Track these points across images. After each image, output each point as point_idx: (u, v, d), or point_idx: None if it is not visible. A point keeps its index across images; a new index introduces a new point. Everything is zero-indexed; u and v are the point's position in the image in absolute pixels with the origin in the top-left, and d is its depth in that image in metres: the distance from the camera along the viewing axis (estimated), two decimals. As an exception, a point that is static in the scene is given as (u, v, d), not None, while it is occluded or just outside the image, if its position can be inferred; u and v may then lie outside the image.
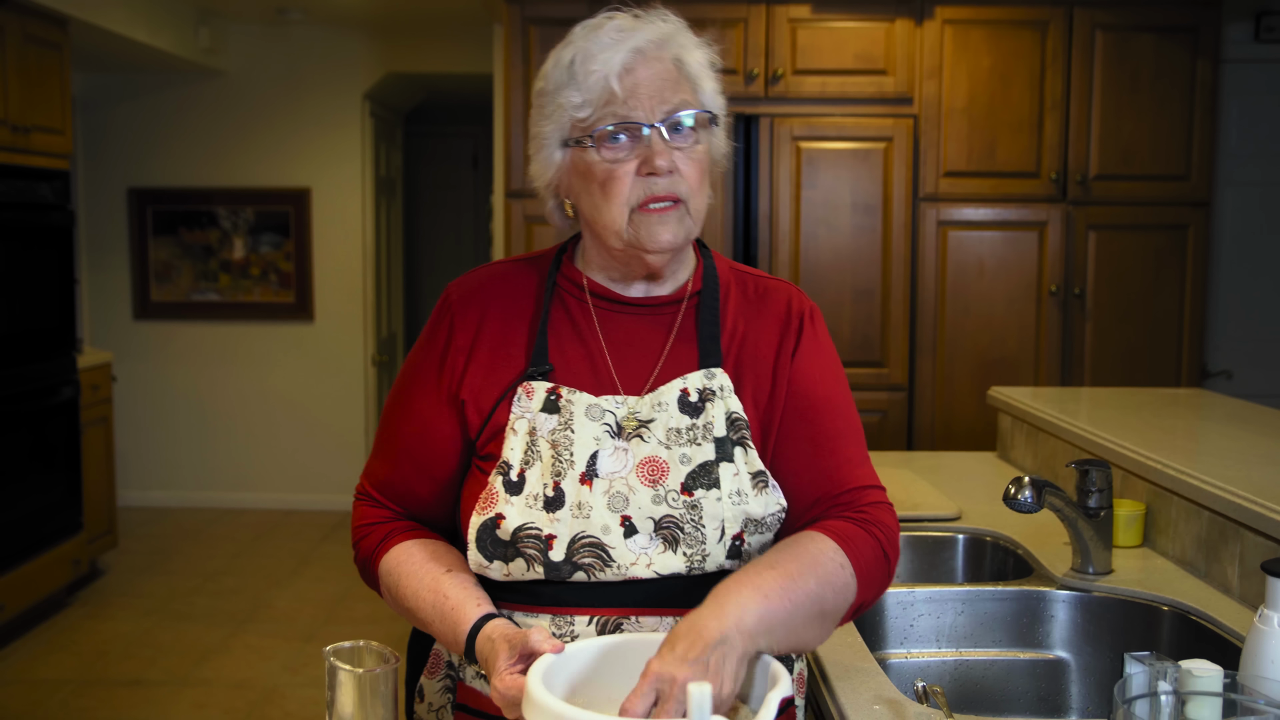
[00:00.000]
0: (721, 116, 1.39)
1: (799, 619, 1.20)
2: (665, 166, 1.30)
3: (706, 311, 1.38)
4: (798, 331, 1.39)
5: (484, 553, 1.29)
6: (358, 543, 1.43)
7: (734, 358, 1.37)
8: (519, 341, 1.38)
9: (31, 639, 4.57)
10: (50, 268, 4.84)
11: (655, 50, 1.32)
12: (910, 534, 2.28)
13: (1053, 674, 1.90)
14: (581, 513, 1.28)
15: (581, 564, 1.27)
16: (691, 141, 1.33)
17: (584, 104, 1.30)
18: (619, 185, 1.30)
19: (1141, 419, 2.57)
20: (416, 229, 8.25)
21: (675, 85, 1.32)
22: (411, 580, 1.34)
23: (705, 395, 1.33)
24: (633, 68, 1.30)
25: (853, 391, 1.44)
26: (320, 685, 4.05)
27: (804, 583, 1.20)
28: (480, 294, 1.41)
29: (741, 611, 1.15)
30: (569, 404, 1.32)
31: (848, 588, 1.25)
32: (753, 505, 1.29)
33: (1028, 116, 4.09)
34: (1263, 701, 1.17)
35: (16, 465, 4.54)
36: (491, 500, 1.30)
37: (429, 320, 1.44)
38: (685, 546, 1.27)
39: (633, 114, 1.29)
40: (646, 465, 1.30)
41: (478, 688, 1.35)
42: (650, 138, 1.29)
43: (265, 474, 6.72)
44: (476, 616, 1.27)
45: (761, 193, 4.07)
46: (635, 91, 1.29)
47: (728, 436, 1.31)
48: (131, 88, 6.52)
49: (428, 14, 6.02)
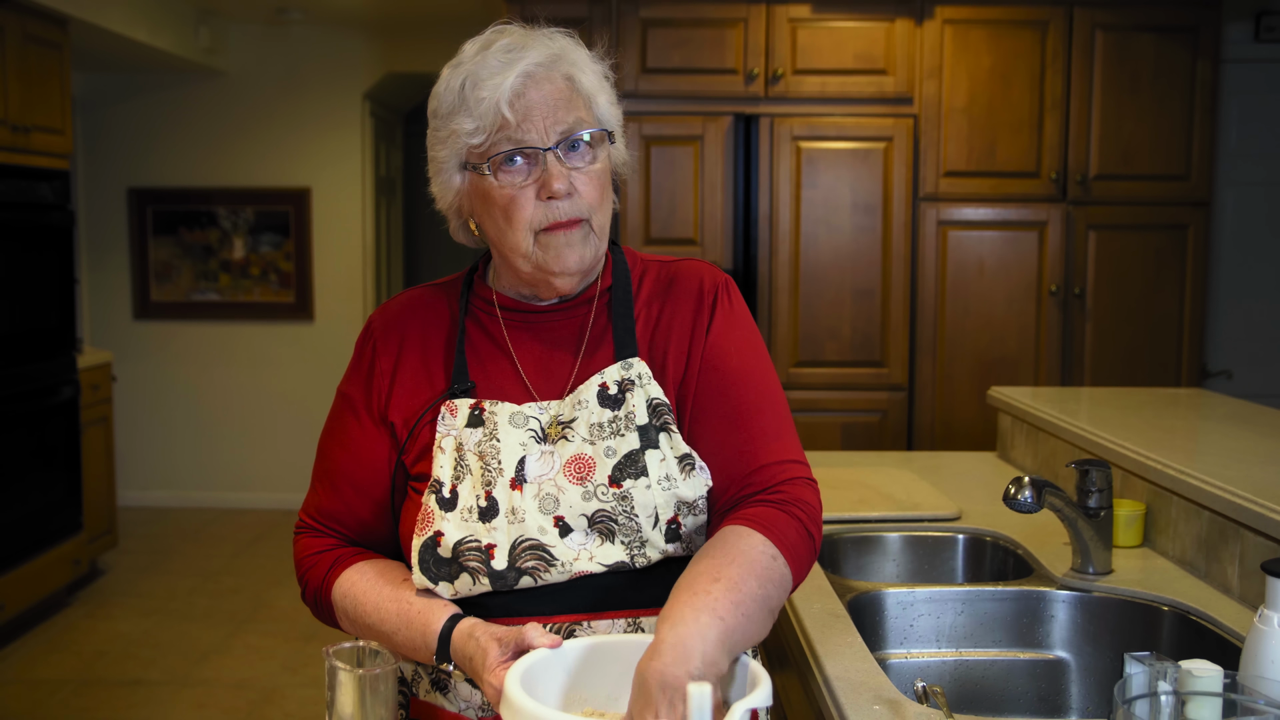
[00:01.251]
0: (618, 129, 1.38)
1: (753, 625, 1.19)
2: (563, 189, 1.29)
3: (619, 305, 1.39)
4: (711, 307, 1.39)
5: (428, 574, 1.29)
6: (304, 575, 1.42)
7: (651, 344, 1.38)
8: (438, 362, 1.39)
9: (31, 639, 4.57)
10: (50, 268, 4.84)
11: (545, 71, 1.30)
12: (910, 534, 2.28)
13: (1053, 674, 1.90)
14: (516, 517, 1.28)
15: (525, 568, 1.27)
16: (589, 160, 1.32)
17: (476, 130, 1.30)
18: (520, 211, 1.31)
19: (1141, 419, 2.57)
20: (416, 229, 8.25)
21: (568, 104, 1.30)
22: (371, 595, 1.34)
23: (625, 386, 1.33)
24: (523, 91, 1.28)
25: (853, 391, 1.44)
26: (320, 685, 4.05)
27: (748, 588, 1.19)
28: (399, 320, 1.43)
29: (704, 646, 1.12)
30: (492, 415, 1.33)
31: (785, 579, 1.25)
32: (683, 489, 1.29)
33: (1028, 116, 4.09)
34: (1263, 701, 1.17)
35: (16, 465, 4.54)
36: (428, 520, 1.30)
37: (354, 351, 1.46)
38: (622, 536, 1.28)
39: (526, 137, 1.29)
40: (573, 464, 1.30)
41: (433, 701, 1.36)
42: (546, 160, 1.29)
43: (265, 474, 6.72)
44: (446, 616, 1.28)
45: (761, 193, 4.07)
46: (528, 114, 1.28)
47: (650, 423, 1.31)
48: (131, 87, 6.52)
49: (428, 14, 6.02)
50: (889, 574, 2.27)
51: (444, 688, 1.34)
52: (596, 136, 1.33)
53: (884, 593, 1.92)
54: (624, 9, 4.02)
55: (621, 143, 1.40)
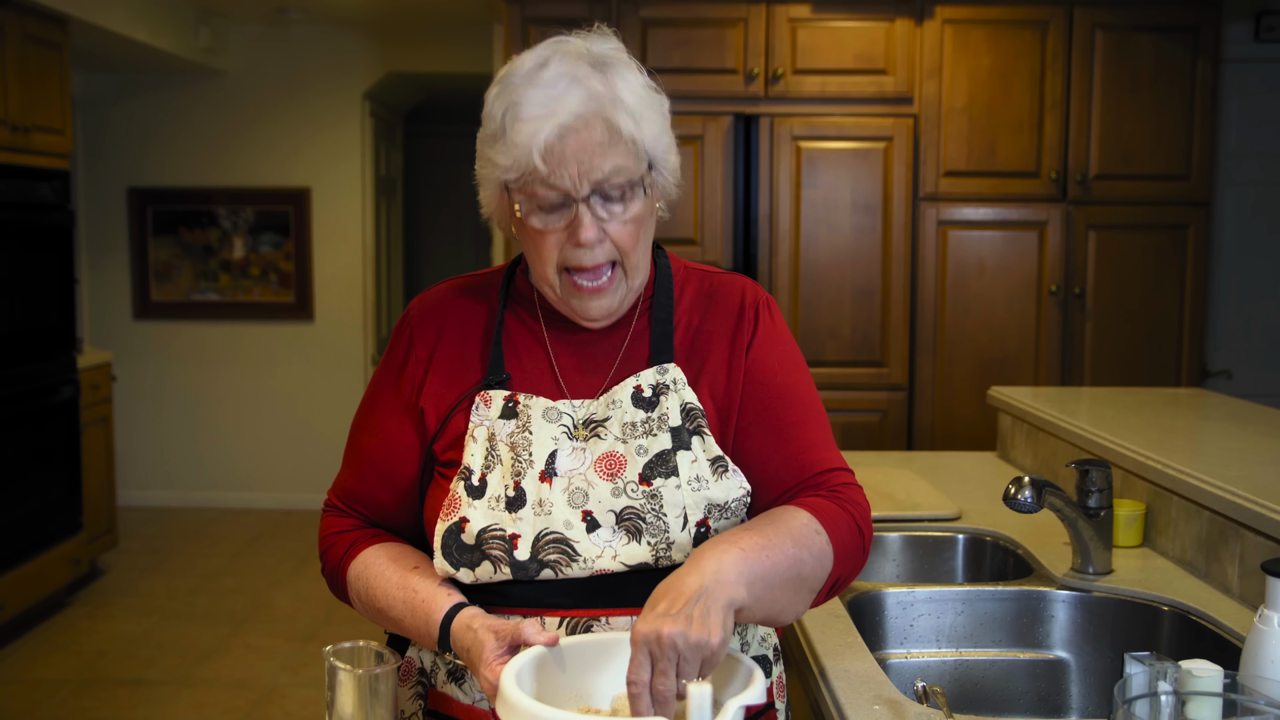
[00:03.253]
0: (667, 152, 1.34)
1: (777, 579, 1.19)
2: (593, 239, 1.28)
3: (660, 310, 1.39)
4: (753, 322, 1.39)
5: (449, 559, 1.30)
6: (325, 553, 1.45)
7: (688, 352, 1.38)
8: (475, 353, 1.40)
9: (31, 639, 4.57)
10: (50, 268, 4.84)
11: (584, 121, 1.25)
12: (910, 534, 2.28)
13: (1053, 674, 1.90)
14: (543, 509, 1.28)
15: (548, 561, 1.27)
16: (623, 208, 1.30)
17: (510, 168, 1.28)
18: (548, 250, 1.30)
19: (1141, 419, 2.57)
20: (416, 229, 8.25)
21: (605, 152, 1.26)
22: (380, 580, 1.36)
23: (659, 390, 1.33)
24: (557, 144, 1.25)
25: (852, 391, 1.44)
26: (320, 685, 4.05)
27: (781, 543, 1.21)
28: (438, 309, 1.44)
29: (719, 564, 1.14)
30: (526, 408, 1.34)
31: (825, 554, 1.25)
32: (714, 490, 1.29)
33: (1028, 116, 4.09)
34: (1263, 701, 1.17)
35: (16, 465, 4.54)
36: (455, 505, 1.31)
37: (391, 336, 1.47)
38: (649, 536, 1.28)
39: (560, 184, 1.27)
40: (604, 460, 1.30)
41: (449, 693, 1.36)
42: (578, 209, 1.27)
43: (265, 474, 6.72)
44: (448, 605, 1.29)
45: (761, 193, 4.07)
46: (563, 162, 1.25)
47: (683, 426, 1.32)
48: (131, 87, 6.52)
49: (428, 14, 6.02)
50: (889, 574, 2.28)
51: (460, 679, 1.35)
52: (634, 182, 1.30)
53: (884, 593, 1.92)
54: (624, 9, 4.02)
55: (670, 166, 1.35)
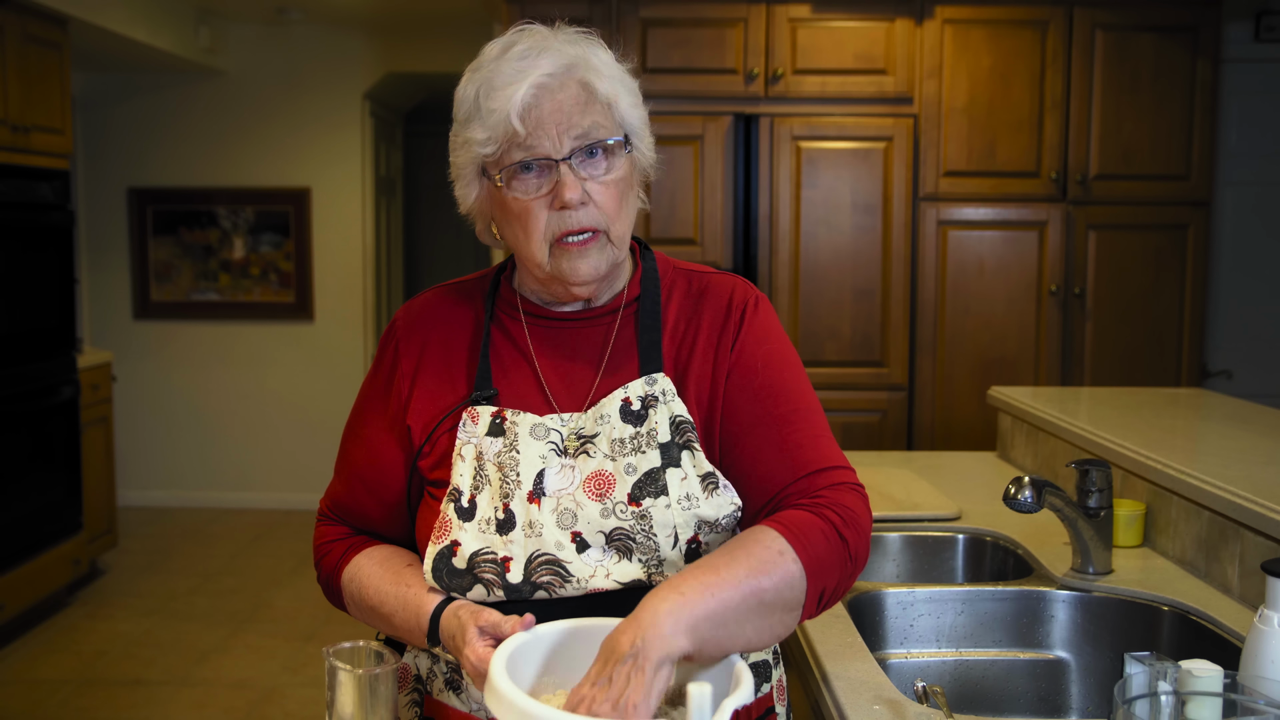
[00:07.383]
0: (642, 130, 1.35)
1: (730, 615, 1.14)
2: (577, 199, 1.28)
3: (646, 316, 1.36)
4: (739, 322, 1.36)
5: (441, 584, 1.29)
6: (319, 561, 1.45)
7: (676, 359, 1.35)
8: (461, 367, 1.38)
9: (31, 639, 4.57)
10: (50, 268, 4.84)
11: (559, 79, 1.27)
12: (910, 534, 2.28)
13: (1053, 674, 1.90)
14: (533, 531, 1.27)
15: (541, 583, 1.26)
16: (605, 168, 1.30)
17: (488, 140, 1.28)
18: (534, 221, 1.29)
19: (1141, 419, 2.57)
20: (416, 229, 8.25)
21: (584, 110, 1.28)
22: (374, 578, 1.36)
23: (648, 402, 1.31)
24: (535, 103, 1.26)
25: (852, 391, 1.43)
26: (320, 685, 4.05)
27: (733, 576, 1.15)
28: (424, 320, 1.42)
29: (654, 617, 1.10)
30: (513, 425, 1.32)
31: (790, 575, 1.18)
32: (704, 508, 1.27)
33: (1028, 116, 4.09)
34: (1263, 701, 1.17)
35: (16, 465, 4.54)
36: (445, 529, 1.29)
37: (378, 347, 1.46)
38: (640, 555, 1.26)
39: (539, 146, 1.27)
40: (593, 480, 1.28)
41: (445, 701, 1.35)
42: (560, 169, 1.27)
43: (265, 474, 6.72)
44: (441, 598, 1.29)
45: (761, 192, 4.07)
46: (540, 124, 1.26)
47: (673, 441, 1.29)
48: (131, 87, 6.52)
49: (427, 14, 6.02)
50: (889, 574, 2.27)
51: (456, 687, 1.34)
52: (615, 144, 1.30)
53: (884, 593, 1.92)
54: (624, 9, 4.02)
55: (646, 143, 1.37)
